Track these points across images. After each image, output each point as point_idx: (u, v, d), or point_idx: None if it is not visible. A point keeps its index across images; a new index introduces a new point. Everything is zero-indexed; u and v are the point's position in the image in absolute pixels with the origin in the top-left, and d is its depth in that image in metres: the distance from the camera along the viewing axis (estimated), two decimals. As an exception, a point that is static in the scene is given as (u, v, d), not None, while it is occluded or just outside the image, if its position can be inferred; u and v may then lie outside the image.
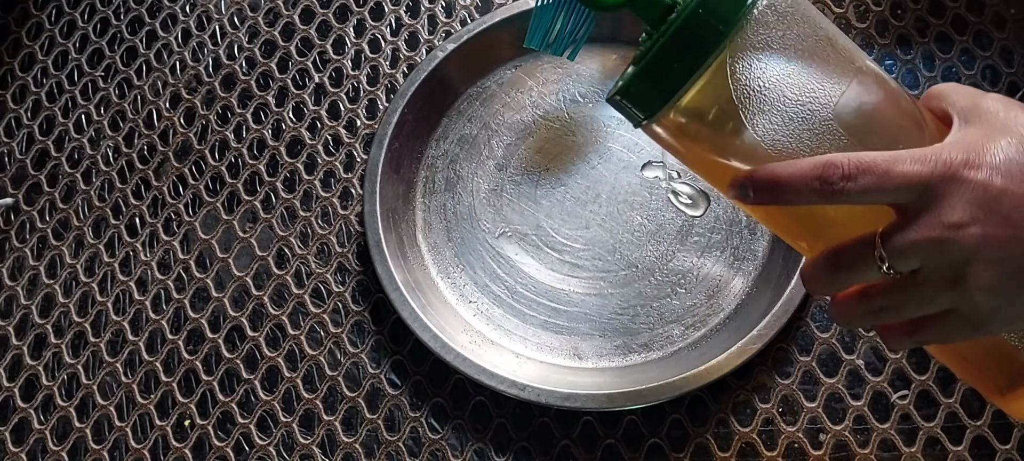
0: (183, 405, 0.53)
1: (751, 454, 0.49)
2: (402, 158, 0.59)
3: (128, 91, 0.64)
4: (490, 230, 0.57)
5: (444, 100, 0.61)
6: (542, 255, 0.56)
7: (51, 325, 0.56)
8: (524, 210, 0.57)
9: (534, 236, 0.56)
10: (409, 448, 0.51)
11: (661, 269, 0.54)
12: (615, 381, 0.51)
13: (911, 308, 0.33)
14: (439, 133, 0.61)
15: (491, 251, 0.56)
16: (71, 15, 0.68)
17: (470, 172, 0.59)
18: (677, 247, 0.55)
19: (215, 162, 0.61)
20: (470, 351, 0.51)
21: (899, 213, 0.32)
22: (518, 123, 0.60)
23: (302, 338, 0.54)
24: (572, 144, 0.59)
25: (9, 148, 0.63)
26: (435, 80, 0.60)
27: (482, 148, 0.60)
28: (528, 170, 0.58)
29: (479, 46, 0.61)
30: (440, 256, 0.57)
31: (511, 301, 0.54)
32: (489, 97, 0.61)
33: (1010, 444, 0.48)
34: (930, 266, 0.32)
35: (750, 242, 0.55)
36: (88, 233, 0.59)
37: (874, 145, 0.33)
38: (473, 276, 0.56)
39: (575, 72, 0.61)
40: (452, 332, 0.52)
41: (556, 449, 0.50)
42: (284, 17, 0.66)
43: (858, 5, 0.62)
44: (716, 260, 0.54)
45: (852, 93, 0.34)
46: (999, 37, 0.60)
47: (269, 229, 0.58)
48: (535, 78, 0.61)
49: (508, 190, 0.58)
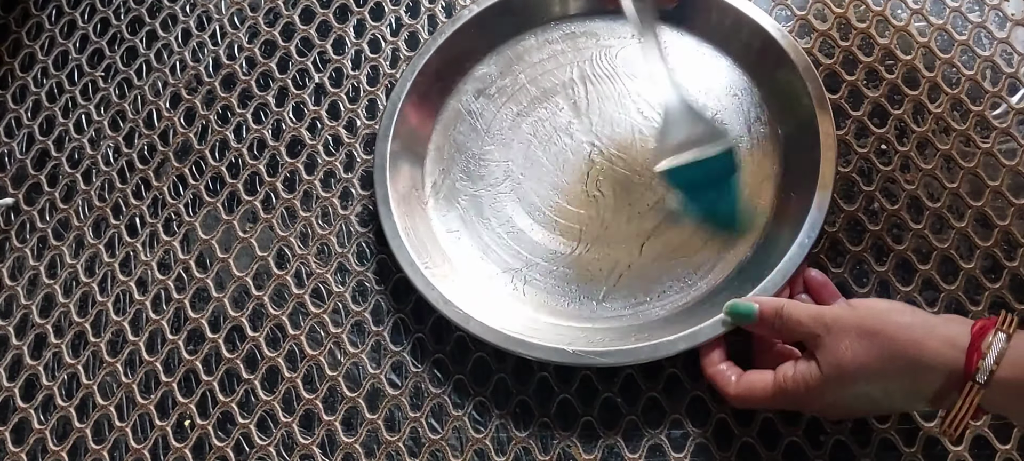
0: (183, 405, 0.53)
1: (751, 454, 0.49)
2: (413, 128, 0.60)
3: (128, 91, 0.64)
4: (497, 200, 0.58)
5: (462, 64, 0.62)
6: (538, 213, 0.57)
7: (51, 325, 0.56)
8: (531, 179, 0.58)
9: (531, 190, 0.57)
10: (409, 448, 0.51)
11: (645, 249, 0.55)
12: (571, 337, 0.52)
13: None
14: (445, 110, 0.62)
15: (491, 203, 0.57)
16: (71, 15, 0.68)
17: (487, 122, 0.60)
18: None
19: (215, 162, 0.61)
20: (442, 286, 0.52)
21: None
22: (546, 84, 0.61)
23: (302, 338, 0.54)
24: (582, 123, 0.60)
25: (9, 148, 0.63)
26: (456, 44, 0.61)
27: (495, 114, 0.61)
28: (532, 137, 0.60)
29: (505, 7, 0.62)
30: (442, 199, 0.58)
31: (527, 271, 0.55)
32: (516, 58, 0.63)
33: (1010, 444, 0.48)
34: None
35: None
36: (88, 233, 0.59)
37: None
38: (482, 244, 0.56)
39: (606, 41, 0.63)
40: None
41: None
42: (284, 17, 0.66)
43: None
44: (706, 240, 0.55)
45: None
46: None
47: (269, 229, 0.58)
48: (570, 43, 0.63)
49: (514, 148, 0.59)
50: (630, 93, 0.60)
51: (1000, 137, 0.57)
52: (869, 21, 0.62)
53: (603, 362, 0.49)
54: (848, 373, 0.42)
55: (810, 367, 0.44)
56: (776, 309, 0.46)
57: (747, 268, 0.53)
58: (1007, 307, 0.52)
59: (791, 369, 0.45)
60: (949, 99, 0.58)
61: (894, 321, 0.43)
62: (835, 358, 0.43)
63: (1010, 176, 0.56)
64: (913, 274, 0.53)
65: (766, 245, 0.54)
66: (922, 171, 0.56)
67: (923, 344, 0.41)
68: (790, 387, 0.45)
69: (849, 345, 0.43)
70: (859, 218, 0.55)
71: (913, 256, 0.54)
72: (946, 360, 0.41)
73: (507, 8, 0.62)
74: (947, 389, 0.41)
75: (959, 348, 0.41)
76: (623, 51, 0.62)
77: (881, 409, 0.47)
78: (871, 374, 0.42)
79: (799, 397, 0.44)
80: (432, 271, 0.53)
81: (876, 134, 0.58)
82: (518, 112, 0.60)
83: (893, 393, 0.42)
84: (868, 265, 0.53)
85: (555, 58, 0.62)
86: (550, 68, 0.62)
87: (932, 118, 0.58)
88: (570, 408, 0.51)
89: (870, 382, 0.42)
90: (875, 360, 0.42)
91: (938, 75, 0.59)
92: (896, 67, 0.60)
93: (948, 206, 0.55)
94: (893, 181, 0.56)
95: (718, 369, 0.48)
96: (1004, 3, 0.61)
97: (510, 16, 0.63)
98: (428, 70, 0.60)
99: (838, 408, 0.45)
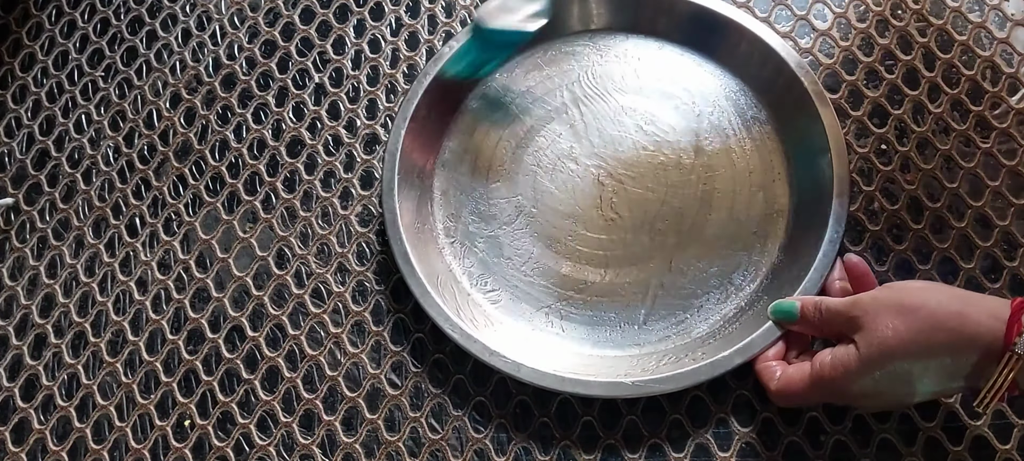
0: (183, 405, 0.53)
1: (751, 454, 0.49)
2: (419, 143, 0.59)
3: (128, 91, 0.64)
4: (507, 217, 0.57)
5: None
6: (559, 245, 0.56)
7: (51, 325, 0.56)
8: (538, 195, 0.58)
9: (548, 222, 0.57)
10: (409, 448, 0.51)
11: (674, 264, 0.55)
12: (626, 368, 0.51)
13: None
14: (451, 130, 0.61)
15: (510, 242, 0.56)
16: (71, 15, 0.68)
17: (487, 159, 0.59)
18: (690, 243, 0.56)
19: (215, 162, 0.61)
20: (483, 336, 0.52)
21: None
22: (542, 109, 0.61)
23: (302, 338, 0.54)
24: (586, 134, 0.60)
25: (9, 148, 0.63)
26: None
27: (502, 132, 0.60)
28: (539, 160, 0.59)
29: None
30: (458, 245, 0.57)
31: (524, 287, 0.55)
32: (503, 90, 0.62)
33: (1010, 444, 0.48)
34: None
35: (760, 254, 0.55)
36: (88, 233, 0.59)
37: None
38: (483, 261, 0.56)
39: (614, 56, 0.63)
40: (463, 316, 0.53)
41: (563, 443, 0.50)
42: (284, 17, 0.66)
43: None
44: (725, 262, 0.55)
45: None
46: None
47: (269, 229, 0.58)
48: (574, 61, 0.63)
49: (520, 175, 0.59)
50: (624, 109, 0.60)
51: (1000, 137, 0.57)
52: (869, 21, 0.62)
53: (665, 389, 0.49)
54: (888, 349, 0.43)
55: (848, 350, 0.44)
56: (815, 303, 0.48)
57: (779, 270, 0.53)
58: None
59: (828, 356, 0.45)
60: (949, 99, 0.58)
61: (934, 297, 0.43)
62: (876, 337, 0.43)
63: (1010, 176, 0.56)
64: (913, 274, 0.53)
65: (791, 245, 0.54)
66: (922, 171, 0.56)
67: (965, 315, 0.42)
68: (828, 373, 0.45)
69: (890, 322, 0.43)
70: (859, 218, 0.55)
71: (913, 256, 0.54)
72: (988, 330, 0.41)
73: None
74: (984, 363, 0.41)
75: (1000, 319, 0.41)
76: (604, 66, 0.62)
77: (915, 392, 0.45)
78: (914, 348, 0.42)
79: (836, 382, 0.45)
80: (465, 321, 0.52)
81: (876, 134, 0.58)
82: (517, 144, 0.60)
83: (932, 369, 0.43)
84: (868, 265, 0.53)
85: (542, 84, 0.61)
86: (540, 95, 0.61)
87: (932, 118, 0.58)
88: (570, 409, 0.51)
89: (911, 358, 0.42)
90: (918, 334, 0.42)
91: (938, 75, 0.59)
92: (896, 67, 0.60)
93: (948, 206, 0.55)
94: (893, 181, 0.56)
95: (766, 364, 0.49)
96: (1004, 3, 0.61)
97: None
98: (418, 115, 0.59)
99: (873, 394, 0.45)
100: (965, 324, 0.42)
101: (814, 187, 0.54)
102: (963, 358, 0.42)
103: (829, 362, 0.45)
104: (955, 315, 0.42)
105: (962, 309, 0.42)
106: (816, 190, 0.54)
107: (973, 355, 0.41)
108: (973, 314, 0.42)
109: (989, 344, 0.41)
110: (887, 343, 0.43)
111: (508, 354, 0.50)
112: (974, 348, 0.41)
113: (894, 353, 0.43)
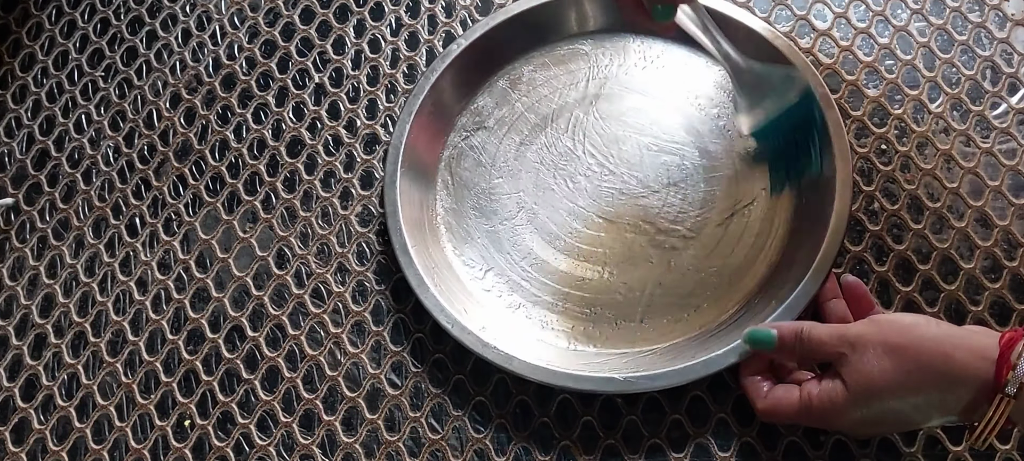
0: (183, 405, 0.53)
1: (751, 454, 0.49)
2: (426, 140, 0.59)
3: (128, 91, 0.64)
4: (508, 214, 0.57)
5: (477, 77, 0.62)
6: (559, 242, 0.56)
7: (51, 325, 0.56)
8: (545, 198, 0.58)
9: (548, 219, 0.57)
10: (409, 448, 0.51)
11: (673, 264, 0.55)
12: (621, 365, 0.51)
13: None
14: (462, 116, 0.61)
15: (510, 237, 0.56)
16: (71, 15, 0.68)
17: (491, 155, 0.59)
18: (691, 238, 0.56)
19: (215, 162, 0.61)
20: (477, 328, 0.52)
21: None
22: (545, 110, 0.61)
23: (302, 338, 0.54)
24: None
25: (9, 148, 0.63)
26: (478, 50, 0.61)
27: (507, 130, 0.60)
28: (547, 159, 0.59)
29: (535, 18, 0.62)
30: (458, 238, 0.57)
31: (526, 286, 0.55)
32: (510, 88, 0.62)
33: (1010, 444, 0.48)
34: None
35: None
36: (88, 233, 0.59)
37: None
38: (489, 259, 0.56)
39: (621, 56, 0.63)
40: (468, 316, 0.53)
41: (567, 438, 0.50)
42: (284, 17, 0.66)
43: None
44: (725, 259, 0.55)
45: None
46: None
47: (269, 229, 0.58)
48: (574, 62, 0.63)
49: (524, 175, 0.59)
50: (628, 110, 0.60)
51: (1000, 137, 0.57)
52: (869, 21, 0.62)
53: (657, 385, 0.49)
54: (876, 390, 0.42)
55: (835, 385, 0.44)
56: (796, 332, 0.46)
57: (779, 270, 0.53)
58: (1007, 307, 0.52)
59: (815, 387, 0.45)
60: (949, 99, 0.58)
61: (919, 335, 0.42)
62: (862, 375, 0.42)
63: (1010, 176, 0.56)
64: (913, 274, 0.53)
65: (791, 245, 0.54)
66: (922, 171, 0.56)
67: (951, 357, 0.41)
68: (816, 404, 0.44)
69: (876, 362, 0.42)
70: (859, 218, 0.55)
71: (913, 256, 0.54)
72: (976, 372, 0.40)
73: (492, 41, 0.62)
74: (977, 402, 0.41)
75: (989, 359, 0.40)
76: (611, 68, 0.62)
77: (911, 425, 0.46)
78: (901, 389, 0.42)
79: (825, 414, 0.44)
80: (462, 314, 0.52)
81: (876, 134, 0.58)
82: (521, 142, 0.60)
83: (923, 407, 0.42)
84: (868, 265, 0.53)
85: (549, 83, 0.61)
86: (545, 94, 0.61)
87: (932, 118, 0.58)
88: (571, 409, 0.51)
89: (900, 398, 0.42)
90: (904, 375, 0.41)
91: (938, 75, 0.59)
92: (896, 67, 0.60)
93: (948, 206, 0.55)
94: (893, 181, 0.56)
95: (753, 379, 0.48)
96: (1004, 3, 0.61)
97: (497, 47, 0.62)
98: (424, 111, 0.59)
99: (867, 425, 0.44)
100: (951, 366, 0.41)
101: (815, 187, 0.54)
102: (952, 396, 0.41)
103: (816, 394, 0.44)
104: (941, 356, 0.41)
105: (948, 350, 0.41)
106: (817, 190, 0.54)
107: (964, 393, 0.41)
108: (959, 356, 0.41)
109: (981, 384, 0.40)
110: (875, 383, 0.42)
111: (502, 347, 0.51)
112: (964, 387, 0.41)
113: (881, 393, 0.42)
